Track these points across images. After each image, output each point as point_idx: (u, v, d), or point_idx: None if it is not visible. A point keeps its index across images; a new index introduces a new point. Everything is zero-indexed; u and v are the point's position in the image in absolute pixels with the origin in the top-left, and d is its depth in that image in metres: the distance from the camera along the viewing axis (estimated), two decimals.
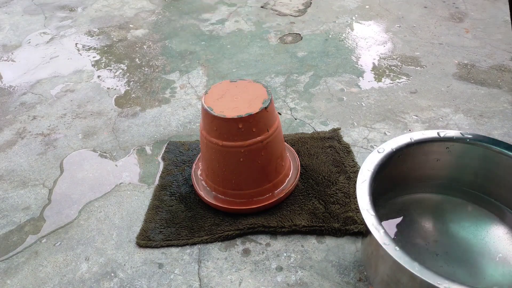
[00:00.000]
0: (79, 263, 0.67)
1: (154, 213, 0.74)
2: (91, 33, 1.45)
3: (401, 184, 0.71)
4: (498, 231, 0.66)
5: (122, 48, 1.33)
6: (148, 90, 1.11)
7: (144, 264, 0.66)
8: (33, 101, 1.09)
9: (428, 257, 0.62)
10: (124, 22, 1.51)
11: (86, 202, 0.78)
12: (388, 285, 0.55)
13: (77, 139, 0.95)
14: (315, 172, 0.79)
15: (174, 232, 0.70)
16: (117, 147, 0.92)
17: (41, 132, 0.98)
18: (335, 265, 0.64)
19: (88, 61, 1.27)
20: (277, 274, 0.64)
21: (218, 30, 1.42)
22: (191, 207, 0.74)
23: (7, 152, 0.92)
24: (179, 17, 1.53)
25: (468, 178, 0.70)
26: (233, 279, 0.63)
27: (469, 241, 0.64)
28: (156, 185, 0.80)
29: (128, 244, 0.70)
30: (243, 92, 0.70)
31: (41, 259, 0.68)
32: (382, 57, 1.19)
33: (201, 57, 1.26)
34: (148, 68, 1.21)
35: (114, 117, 1.02)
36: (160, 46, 1.34)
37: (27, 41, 1.41)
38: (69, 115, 1.03)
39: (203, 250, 0.68)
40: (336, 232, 0.69)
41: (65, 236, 0.72)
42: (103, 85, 1.15)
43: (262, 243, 0.69)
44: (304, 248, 0.67)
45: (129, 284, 0.63)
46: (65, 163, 0.88)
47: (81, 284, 0.64)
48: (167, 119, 1.00)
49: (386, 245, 0.51)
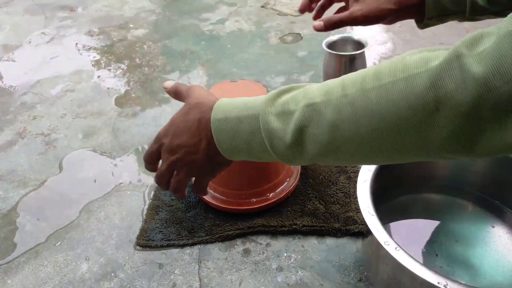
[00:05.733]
0: (79, 263, 0.67)
1: (154, 213, 0.74)
2: (91, 33, 1.45)
3: (402, 184, 0.71)
4: (499, 231, 0.66)
5: (122, 48, 1.33)
6: (148, 90, 1.11)
7: (144, 264, 0.66)
8: (33, 101, 1.09)
9: (428, 257, 0.62)
10: (124, 22, 1.51)
11: (86, 202, 0.78)
12: (389, 285, 0.55)
13: (77, 139, 0.95)
14: (315, 172, 0.79)
15: (174, 232, 0.70)
16: (117, 147, 0.92)
17: (41, 132, 0.98)
18: (336, 265, 0.64)
19: (88, 61, 1.28)
20: (278, 274, 0.64)
21: (218, 29, 1.42)
22: (191, 207, 0.74)
23: (8, 152, 0.92)
24: (179, 16, 1.53)
25: (468, 178, 0.70)
26: (233, 279, 0.63)
27: (469, 241, 0.64)
28: (156, 185, 0.80)
29: (128, 244, 0.70)
30: (243, 92, 0.69)
31: (42, 259, 0.68)
32: (382, 57, 1.19)
33: (201, 56, 1.26)
34: (148, 68, 1.21)
35: (114, 117, 1.02)
36: (160, 46, 1.34)
37: (27, 41, 1.42)
38: (69, 115, 1.03)
39: (203, 250, 0.68)
40: (337, 232, 0.69)
41: (65, 236, 0.72)
42: (103, 85, 1.15)
43: (263, 243, 0.69)
44: (305, 248, 0.67)
45: (129, 284, 0.63)
46: (65, 163, 0.88)
47: (81, 284, 0.64)
48: (167, 119, 0.99)
49: (387, 245, 0.51)
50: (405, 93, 0.34)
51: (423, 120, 0.34)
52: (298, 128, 0.40)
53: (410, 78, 0.34)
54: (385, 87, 0.36)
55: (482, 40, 0.31)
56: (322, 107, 0.39)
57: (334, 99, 0.39)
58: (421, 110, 0.33)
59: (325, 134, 0.39)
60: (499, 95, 0.29)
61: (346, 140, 0.39)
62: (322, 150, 0.40)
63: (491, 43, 0.30)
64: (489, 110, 0.30)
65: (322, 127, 0.39)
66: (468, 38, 0.32)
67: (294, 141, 0.41)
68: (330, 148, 0.40)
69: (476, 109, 0.31)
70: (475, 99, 0.30)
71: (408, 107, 0.34)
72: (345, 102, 0.38)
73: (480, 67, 0.30)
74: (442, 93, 0.32)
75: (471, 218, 0.68)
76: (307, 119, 0.40)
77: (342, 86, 0.39)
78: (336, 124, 0.38)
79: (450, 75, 0.32)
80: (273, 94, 0.44)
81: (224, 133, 0.46)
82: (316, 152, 0.41)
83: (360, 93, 0.37)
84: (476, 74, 0.30)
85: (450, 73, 0.32)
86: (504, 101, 0.29)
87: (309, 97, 0.41)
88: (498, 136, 0.31)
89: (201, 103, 0.49)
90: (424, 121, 0.34)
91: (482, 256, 0.62)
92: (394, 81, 0.35)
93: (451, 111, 0.32)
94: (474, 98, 0.30)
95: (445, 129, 0.33)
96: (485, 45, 0.31)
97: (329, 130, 0.39)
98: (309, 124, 0.40)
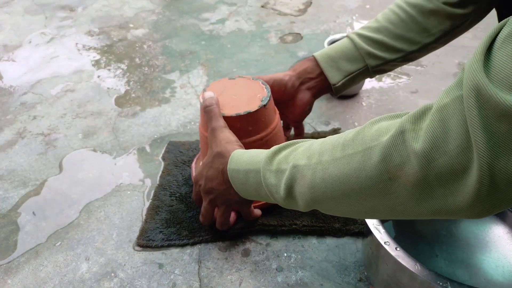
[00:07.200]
0: (79, 263, 0.67)
1: (154, 213, 0.74)
2: (91, 33, 1.45)
3: None
4: (499, 231, 0.66)
5: (122, 48, 1.33)
6: (148, 90, 1.11)
7: (144, 264, 0.66)
8: (33, 101, 1.09)
9: (428, 257, 0.62)
10: (124, 21, 1.51)
11: (86, 202, 0.78)
12: (389, 285, 0.55)
13: (77, 139, 0.95)
14: None
15: (174, 232, 0.70)
16: (117, 147, 0.92)
17: (41, 132, 0.98)
18: (336, 265, 0.64)
19: (88, 61, 1.28)
20: (278, 274, 0.64)
21: (218, 29, 1.42)
22: (191, 207, 0.74)
23: (8, 152, 0.92)
24: (179, 16, 1.53)
25: None
26: (233, 279, 0.63)
27: (469, 241, 0.64)
28: (156, 185, 0.80)
29: (128, 244, 0.70)
30: (241, 90, 0.69)
31: (42, 259, 0.68)
32: None
33: (201, 56, 1.26)
34: (148, 68, 1.21)
35: (114, 117, 1.02)
36: (160, 45, 1.34)
37: (27, 41, 1.42)
38: (69, 115, 1.03)
39: (203, 250, 0.68)
40: (337, 232, 0.69)
41: (65, 236, 0.72)
42: (103, 85, 1.15)
43: (263, 243, 0.69)
44: (305, 248, 0.67)
45: (129, 284, 0.63)
46: (65, 163, 0.88)
47: (81, 284, 0.64)
48: (167, 118, 1.00)
49: (387, 245, 0.51)
50: (363, 165, 0.38)
51: (383, 188, 0.37)
52: (287, 186, 0.46)
53: (366, 151, 0.38)
54: (348, 157, 0.40)
55: (425, 114, 0.34)
56: (303, 170, 0.45)
57: (312, 164, 0.44)
58: (378, 180, 0.37)
59: (307, 193, 0.44)
60: (438, 166, 0.32)
61: (325, 199, 0.43)
62: (310, 205, 0.46)
63: (429, 118, 0.33)
64: (435, 180, 0.33)
65: (304, 186, 0.44)
66: (415, 112, 0.35)
67: (287, 196, 0.47)
68: (315, 204, 0.45)
69: (423, 178, 0.33)
70: (420, 171, 0.33)
71: (366, 177, 0.38)
72: (319, 168, 0.43)
73: (420, 142, 0.32)
74: (392, 166, 0.35)
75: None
76: (293, 178, 0.46)
77: (319, 152, 0.44)
78: (314, 186, 0.43)
79: (396, 150, 0.35)
80: (273, 151, 0.50)
81: (238, 182, 0.54)
82: (306, 205, 0.46)
83: (330, 161, 0.42)
84: (416, 149, 0.33)
85: (396, 148, 0.35)
86: (444, 171, 0.32)
87: (296, 158, 0.46)
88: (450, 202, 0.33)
89: (221, 153, 0.57)
90: (383, 189, 0.37)
91: (482, 256, 0.62)
92: (355, 153, 0.39)
93: (402, 181, 0.35)
94: (418, 170, 0.33)
95: (402, 195, 0.36)
96: (426, 120, 0.33)
97: (309, 191, 0.44)
98: (295, 183, 0.46)
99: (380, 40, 0.67)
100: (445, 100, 0.32)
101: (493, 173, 0.28)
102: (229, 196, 0.59)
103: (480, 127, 0.28)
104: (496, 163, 0.28)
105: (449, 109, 0.31)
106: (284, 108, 0.75)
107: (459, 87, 0.31)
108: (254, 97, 0.67)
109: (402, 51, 0.68)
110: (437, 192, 0.33)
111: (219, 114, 0.62)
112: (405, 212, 0.37)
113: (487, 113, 0.28)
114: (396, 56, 0.68)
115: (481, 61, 0.28)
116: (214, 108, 0.62)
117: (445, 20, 0.65)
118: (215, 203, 0.62)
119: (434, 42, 0.67)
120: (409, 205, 0.36)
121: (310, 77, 0.71)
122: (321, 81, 0.71)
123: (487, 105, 0.27)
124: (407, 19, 0.66)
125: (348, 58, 0.69)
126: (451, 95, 0.32)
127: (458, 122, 0.30)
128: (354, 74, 0.70)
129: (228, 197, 0.59)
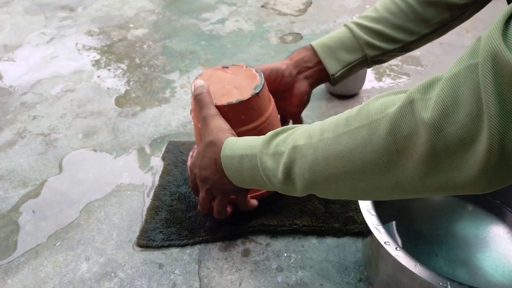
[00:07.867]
0: (79, 263, 0.67)
1: (154, 213, 0.74)
2: (91, 33, 1.45)
3: None
4: (499, 230, 0.66)
5: (122, 48, 1.33)
6: (148, 90, 1.11)
7: (144, 264, 0.66)
8: (33, 101, 1.09)
9: (428, 257, 0.62)
10: (124, 21, 1.51)
11: (86, 202, 0.78)
12: (389, 285, 0.55)
13: (77, 139, 0.95)
14: None
15: (174, 232, 0.70)
16: (117, 147, 0.92)
17: (41, 132, 0.98)
18: (336, 265, 0.64)
19: (88, 61, 1.28)
20: (278, 274, 0.64)
21: (218, 29, 1.42)
22: (191, 207, 0.74)
23: (8, 152, 0.92)
24: (179, 16, 1.53)
25: None
26: (233, 279, 0.63)
27: (469, 241, 0.64)
28: (156, 185, 0.80)
29: (128, 244, 0.70)
30: (235, 78, 0.67)
31: (42, 259, 0.68)
32: None
33: (201, 56, 1.26)
34: (148, 68, 1.21)
35: (114, 117, 1.02)
36: (160, 45, 1.34)
37: (27, 41, 1.42)
38: (69, 115, 1.03)
39: (203, 250, 0.68)
40: (337, 232, 0.69)
41: (65, 236, 0.72)
42: (103, 85, 1.15)
43: (263, 243, 0.69)
44: (305, 248, 0.67)
45: (129, 284, 0.63)
46: (65, 163, 0.88)
47: (81, 284, 0.64)
48: (167, 118, 1.00)
49: (387, 245, 0.51)
50: (369, 138, 0.37)
51: (388, 162, 0.36)
52: (286, 168, 0.45)
53: (372, 124, 0.37)
54: (353, 132, 0.39)
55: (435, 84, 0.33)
56: (304, 149, 0.44)
57: (313, 142, 0.43)
58: (384, 153, 0.36)
59: (307, 173, 0.44)
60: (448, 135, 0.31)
61: (325, 179, 0.42)
62: (309, 186, 0.45)
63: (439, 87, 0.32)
64: (443, 151, 0.32)
65: (304, 167, 0.44)
66: (424, 83, 0.34)
67: (285, 178, 0.46)
68: (314, 185, 0.44)
69: (431, 149, 0.33)
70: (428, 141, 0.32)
71: (372, 151, 0.37)
72: (321, 146, 0.42)
73: (429, 111, 0.32)
74: (399, 137, 0.35)
75: (471, 218, 0.68)
76: (292, 159, 0.45)
77: (321, 131, 0.43)
78: (314, 165, 0.42)
79: (405, 121, 0.34)
80: (270, 135, 0.50)
81: (232, 169, 0.53)
82: (304, 188, 0.45)
83: (333, 138, 0.41)
84: (425, 118, 0.32)
85: (404, 118, 0.34)
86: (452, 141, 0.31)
87: (295, 139, 0.45)
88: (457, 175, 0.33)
89: (213, 142, 0.56)
90: (388, 163, 0.37)
91: (482, 256, 0.62)
92: (360, 126, 0.38)
93: (409, 153, 0.34)
94: (427, 140, 0.32)
95: (408, 168, 0.35)
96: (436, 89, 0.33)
97: (309, 170, 0.43)
98: (294, 164, 0.45)
99: (379, 30, 0.67)
100: (456, 69, 0.31)
101: (504, 143, 0.28)
102: (223, 185, 0.58)
103: (493, 94, 0.27)
104: (507, 132, 0.27)
105: (460, 78, 0.31)
106: (282, 100, 0.73)
107: (472, 56, 0.31)
108: (247, 85, 0.65)
109: (401, 42, 0.67)
110: (444, 164, 0.33)
111: (211, 102, 0.61)
112: (407, 188, 0.37)
113: (502, 80, 0.27)
114: (394, 46, 0.68)
115: (500, 29, 0.28)
116: (204, 96, 0.61)
117: (445, 10, 0.64)
118: (211, 192, 0.61)
119: (432, 32, 0.67)
120: (414, 179, 0.35)
121: (307, 66, 0.70)
122: (319, 70, 0.70)
123: (503, 71, 0.27)
124: (406, 9, 0.66)
125: (346, 48, 0.68)
126: (463, 64, 0.31)
127: (470, 90, 0.30)
128: (352, 64, 0.69)
129: (223, 187, 0.59)
